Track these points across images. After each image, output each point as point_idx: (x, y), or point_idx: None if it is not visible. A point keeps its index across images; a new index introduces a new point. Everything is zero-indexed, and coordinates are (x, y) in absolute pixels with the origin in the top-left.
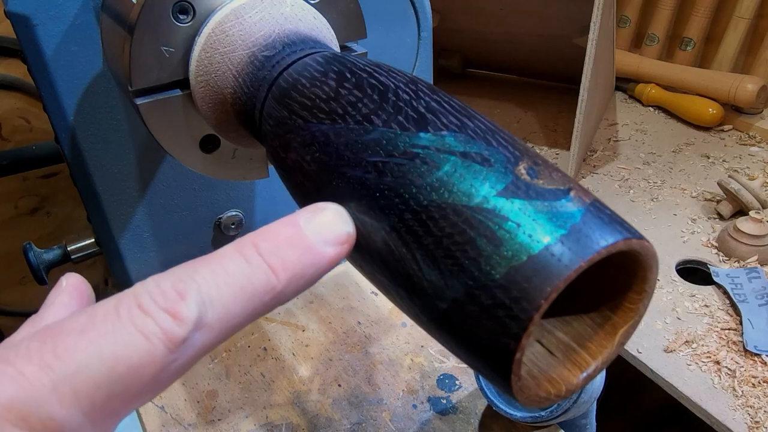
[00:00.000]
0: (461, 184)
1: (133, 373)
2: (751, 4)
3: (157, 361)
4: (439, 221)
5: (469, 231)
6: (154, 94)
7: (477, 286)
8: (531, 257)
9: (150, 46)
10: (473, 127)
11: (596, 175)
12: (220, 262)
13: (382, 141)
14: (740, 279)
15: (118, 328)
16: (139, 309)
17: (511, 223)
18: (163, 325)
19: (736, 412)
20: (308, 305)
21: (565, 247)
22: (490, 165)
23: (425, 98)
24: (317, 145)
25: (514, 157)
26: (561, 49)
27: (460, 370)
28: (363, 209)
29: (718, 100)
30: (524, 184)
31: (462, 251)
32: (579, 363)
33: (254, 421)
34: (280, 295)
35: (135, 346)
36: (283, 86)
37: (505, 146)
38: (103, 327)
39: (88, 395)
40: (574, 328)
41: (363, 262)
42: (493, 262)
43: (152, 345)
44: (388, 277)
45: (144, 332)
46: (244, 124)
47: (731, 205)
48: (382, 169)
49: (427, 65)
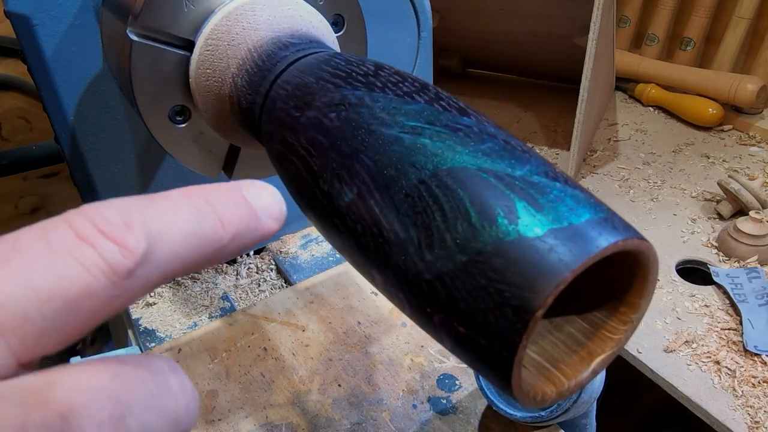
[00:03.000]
0: (503, 160)
1: (69, 308)
2: (751, 4)
3: (98, 296)
4: (478, 180)
5: (509, 193)
6: (152, 40)
7: (511, 240)
8: (572, 226)
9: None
10: (507, 133)
11: (596, 175)
12: (168, 202)
13: (424, 112)
14: (740, 279)
15: (51, 258)
16: (77, 237)
17: (553, 196)
18: (107, 256)
19: (736, 412)
20: (308, 305)
21: (603, 227)
22: (530, 155)
23: (457, 102)
24: (347, 106)
25: (544, 161)
26: (561, 49)
27: (460, 370)
28: (386, 162)
29: (718, 100)
30: (561, 176)
31: (501, 206)
32: (553, 380)
33: (254, 421)
34: (222, 250)
35: (72, 279)
36: (312, 62)
37: (534, 153)
38: (32, 256)
39: (16, 333)
40: (545, 350)
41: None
42: (531, 222)
43: (93, 277)
44: (402, 236)
45: (84, 263)
46: (241, 99)
47: (731, 205)
48: (420, 132)
49: (427, 65)
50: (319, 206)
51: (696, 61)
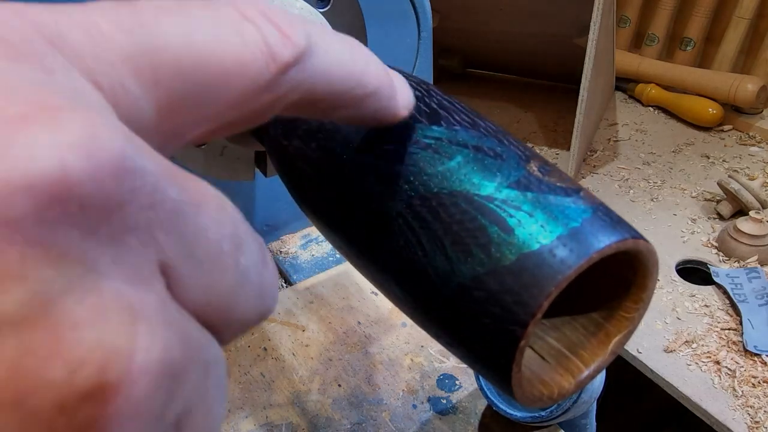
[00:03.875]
0: (473, 175)
1: (221, 80)
2: (751, 4)
3: (249, 77)
4: (449, 208)
5: (480, 218)
6: None
7: (486, 272)
8: (543, 246)
9: None
10: (484, 126)
11: (596, 175)
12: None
13: (394, 130)
14: (740, 279)
15: (214, 22)
16: (241, 15)
17: (523, 213)
18: (269, 39)
19: (736, 412)
20: (308, 305)
21: (577, 240)
22: (502, 159)
23: (437, 97)
24: (324, 133)
25: (525, 156)
26: (561, 49)
27: (460, 370)
28: (368, 193)
29: (718, 100)
30: (536, 179)
31: (472, 237)
32: (571, 369)
33: (254, 421)
34: (361, 100)
35: (231, 47)
36: None
37: (515, 146)
38: (196, 14)
39: (167, 82)
40: (566, 335)
41: (365, 252)
42: (503, 249)
43: (250, 54)
44: (390, 269)
45: (245, 38)
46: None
47: (731, 205)
48: (392, 157)
49: (427, 65)
50: (322, 222)
51: (696, 61)
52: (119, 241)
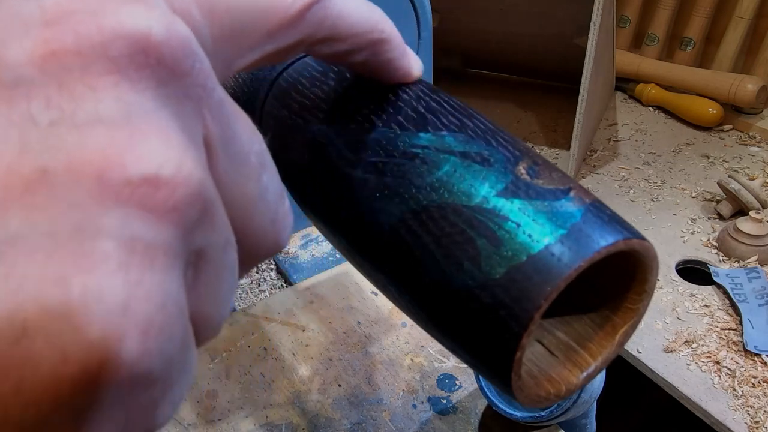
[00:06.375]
0: (461, 184)
1: (259, 14)
2: (751, 4)
3: (280, 13)
4: (438, 221)
5: (469, 231)
6: None
7: (477, 285)
8: (531, 257)
9: None
10: (473, 126)
11: (596, 175)
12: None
13: (382, 141)
14: (740, 279)
15: None
16: None
17: (510, 223)
18: None
19: (736, 412)
20: (308, 305)
21: (565, 247)
22: (489, 165)
23: (425, 98)
24: (317, 145)
25: (513, 157)
26: (561, 49)
27: (460, 370)
28: (363, 209)
29: (718, 100)
30: (524, 183)
31: (462, 251)
32: (579, 363)
33: (254, 421)
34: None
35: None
36: (283, 86)
37: (504, 146)
38: None
39: (220, 14)
40: (574, 328)
41: (363, 260)
42: (493, 262)
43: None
44: (388, 276)
45: None
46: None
47: (731, 205)
48: (382, 170)
49: (427, 65)
50: (325, 226)
51: (696, 61)
52: (180, 101)
